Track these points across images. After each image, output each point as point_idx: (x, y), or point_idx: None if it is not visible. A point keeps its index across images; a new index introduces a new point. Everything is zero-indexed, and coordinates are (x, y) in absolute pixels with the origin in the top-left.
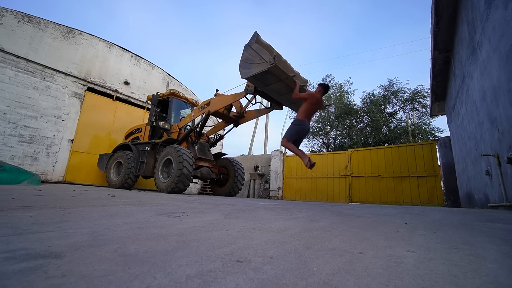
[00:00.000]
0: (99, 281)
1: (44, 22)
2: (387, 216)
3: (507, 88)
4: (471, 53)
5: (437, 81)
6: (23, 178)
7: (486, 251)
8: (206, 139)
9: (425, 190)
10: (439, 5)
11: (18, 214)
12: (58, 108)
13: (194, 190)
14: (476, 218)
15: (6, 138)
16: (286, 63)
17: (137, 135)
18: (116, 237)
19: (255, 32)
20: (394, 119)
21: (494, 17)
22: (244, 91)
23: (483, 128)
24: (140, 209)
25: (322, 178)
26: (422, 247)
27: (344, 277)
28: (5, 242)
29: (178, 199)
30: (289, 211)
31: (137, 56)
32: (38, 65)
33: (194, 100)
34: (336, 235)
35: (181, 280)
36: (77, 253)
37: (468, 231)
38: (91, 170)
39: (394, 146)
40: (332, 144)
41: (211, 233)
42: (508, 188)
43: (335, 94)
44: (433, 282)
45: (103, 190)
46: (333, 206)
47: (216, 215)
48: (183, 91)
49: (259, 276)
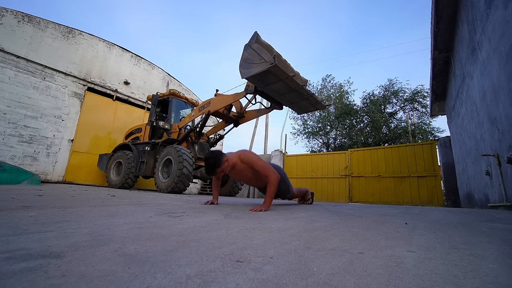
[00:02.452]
0: (99, 281)
1: (44, 22)
2: (387, 216)
3: (507, 88)
4: (471, 53)
5: (437, 81)
6: (23, 178)
7: (486, 251)
8: (206, 139)
9: (425, 190)
10: (439, 5)
11: (18, 214)
12: (58, 108)
13: (194, 190)
14: (476, 218)
15: (6, 138)
16: (286, 63)
17: (137, 135)
18: (116, 237)
19: (255, 32)
20: (394, 119)
21: (494, 17)
22: (244, 91)
23: (483, 128)
24: (140, 209)
25: (322, 178)
26: (422, 247)
27: (344, 277)
28: (5, 242)
29: (178, 199)
30: (289, 211)
31: (137, 56)
32: (38, 65)
33: (194, 100)
34: (336, 235)
35: (181, 280)
36: (77, 253)
37: (468, 231)
38: (91, 170)
39: (394, 146)
40: (332, 144)
41: (211, 233)
42: (508, 188)
43: (335, 94)
44: (433, 282)
45: (103, 190)
46: (333, 206)
47: (216, 215)
48: (183, 91)
49: (259, 276)
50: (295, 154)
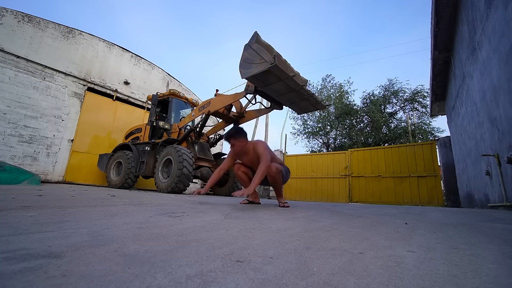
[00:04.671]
0: (99, 281)
1: (44, 22)
2: (387, 216)
3: (507, 88)
4: (471, 53)
5: (437, 81)
6: (23, 178)
7: (486, 251)
8: (206, 139)
9: (425, 190)
10: (439, 5)
11: (18, 214)
12: (58, 108)
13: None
14: (476, 218)
15: (6, 138)
16: (286, 63)
17: (137, 135)
18: (116, 237)
19: (255, 32)
20: (394, 119)
21: (494, 17)
22: (244, 91)
23: (483, 128)
24: (140, 209)
25: (322, 178)
26: (422, 247)
27: (344, 277)
28: (5, 242)
29: (178, 199)
30: (289, 211)
31: (137, 56)
32: (38, 65)
33: (194, 100)
34: (336, 235)
35: (181, 280)
36: (77, 253)
37: (468, 231)
38: (91, 170)
39: (394, 146)
40: (332, 144)
41: (211, 233)
42: (508, 188)
43: (335, 94)
44: (433, 282)
45: (103, 190)
46: (333, 206)
47: (216, 215)
48: (183, 91)
49: (259, 276)
50: (295, 154)
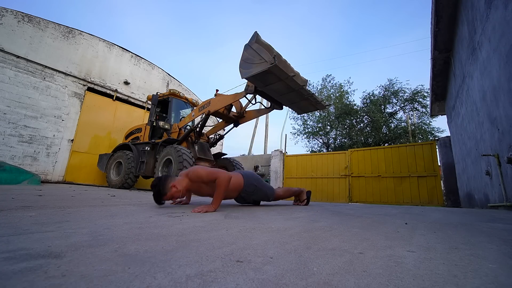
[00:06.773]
0: (99, 281)
1: (44, 22)
2: (387, 216)
3: (507, 88)
4: (471, 53)
5: (437, 81)
6: (23, 178)
7: (486, 251)
8: (206, 139)
9: (425, 190)
10: (439, 5)
11: (18, 214)
12: (58, 108)
13: None
14: (476, 218)
15: (6, 138)
16: (286, 63)
17: (137, 135)
18: (116, 237)
19: (255, 32)
20: (394, 119)
21: (494, 17)
22: (244, 91)
23: (483, 128)
24: (140, 209)
25: (322, 178)
26: (422, 247)
27: (344, 277)
28: (5, 242)
29: None
30: (289, 211)
31: (137, 56)
32: (38, 65)
33: (194, 100)
34: (336, 235)
35: (181, 280)
36: (77, 253)
37: (468, 231)
38: (91, 170)
39: (394, 146)
40: (332, 144)
41: (211, 233)
42: (508, 188)
43: (335, 94)
44: (433, 282)
45: (103, 190)
46: (333, 206)
47: (216, 215)
48: (183, 91)
49: (259, 276)
50: (295, 154)
